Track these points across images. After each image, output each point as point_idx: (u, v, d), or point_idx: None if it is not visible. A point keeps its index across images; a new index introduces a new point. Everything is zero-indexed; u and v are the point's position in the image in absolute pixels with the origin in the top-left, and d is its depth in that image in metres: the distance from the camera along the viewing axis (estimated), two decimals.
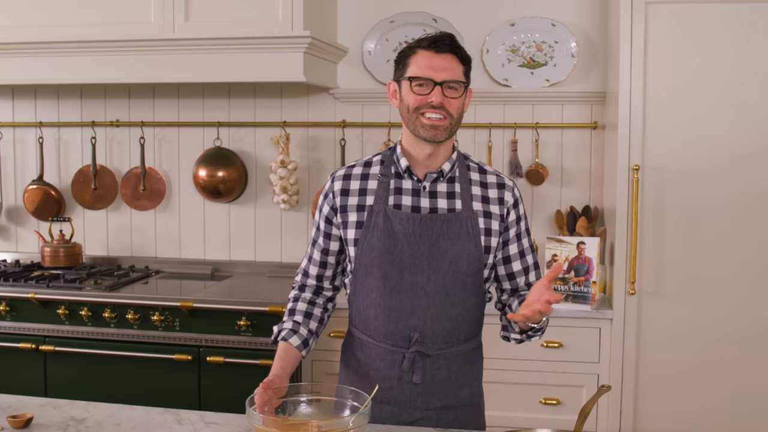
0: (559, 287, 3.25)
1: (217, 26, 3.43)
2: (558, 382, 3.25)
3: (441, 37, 2.01)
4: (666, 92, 3.16)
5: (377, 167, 2.13)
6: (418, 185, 2.07)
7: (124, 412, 2.08)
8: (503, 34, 3.73)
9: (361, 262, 2.07)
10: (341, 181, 2.12)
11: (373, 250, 2.04)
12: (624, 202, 3.21)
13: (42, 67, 3.60)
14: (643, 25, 3.14)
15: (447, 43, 2.00)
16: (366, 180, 2.11)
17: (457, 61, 2.01)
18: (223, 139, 4.02)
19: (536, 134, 3.75)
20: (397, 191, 2.07)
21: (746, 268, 3.16)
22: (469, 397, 2.16)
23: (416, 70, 2.00)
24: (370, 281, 2.06)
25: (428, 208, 2.05)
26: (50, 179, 4.20)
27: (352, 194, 2.10)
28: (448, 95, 1.99)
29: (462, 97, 2.02)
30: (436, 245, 2.02)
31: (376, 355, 2.05)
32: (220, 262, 4.05)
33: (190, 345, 3.34)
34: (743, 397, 3.19)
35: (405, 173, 2.08)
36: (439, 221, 2.02)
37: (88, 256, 4.17)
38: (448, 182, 2.09)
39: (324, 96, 3.92)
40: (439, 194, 2.07)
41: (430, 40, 2.01)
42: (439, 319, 2.03)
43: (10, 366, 3.48)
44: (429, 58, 1.99)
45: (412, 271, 2.02)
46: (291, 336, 2.08)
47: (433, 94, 1.98)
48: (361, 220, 2.07)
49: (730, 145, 3.14)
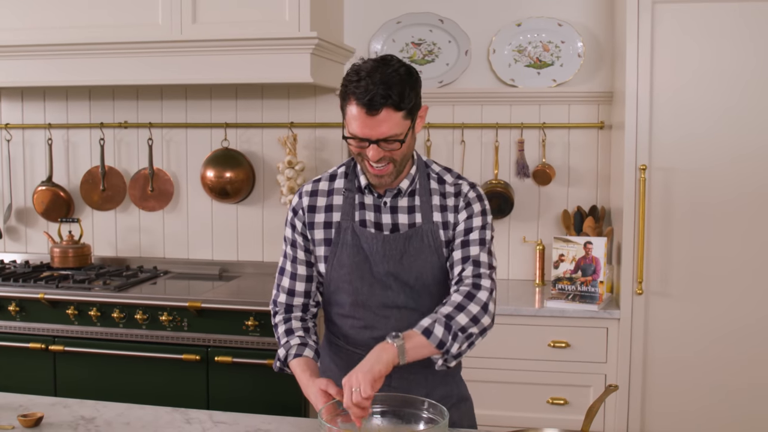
0: (567, 287, 3.25)
1: (225, 28, 3.45)
2: (565, 382, 3.25)
3: (374, 93, 1.85)
4: (673, 91, 3.16)
5: (341, 180, 2.12)
6: (379, 201, 2.08)
7: (133, 411, 2.09)
8: (510, 34, 3.73)
9: (331, 278, 2.09)
10: (308, 197, 2.12)
11: (343, 267, 2.06)
12: (631, 202, 3.20)
13: (51, 70, 3.62)
14: (650, 25, 3.14)
15: (379, 101, 1.85)
16: (331, 196, 2.11)
17: (394, 111, 1.87)
18: (231, 140, 4.03)
19: (543, 134, 3.75)
20: (361, 206, 2.08)
21: (754, 268, 3.15)
22: (466, 390, 2.18)
23: (352, 127, 1.92)
24: (342, 296, 2.09)
25: (390, 224, 2.06)
26: (59, 180, 4.22)
27: (318, 210, 2.10)
28: (386, 148, 1.91)
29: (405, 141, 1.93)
30: (401, 263, 2.03)
31: (357, 359, 1.96)
32: (227, 263, 4.06)
33: (198, 345, 3.35)
34: (751, 397, 3.18)
35: (366, 189, 2.08)
36: (401, 240, 2.03)
37: (96, 256, 4.19)
38: (408, 196, 2.08)
39: (331, 96, 3.92)
40: (400, 209, 2.07)
41: (361, 93, 1.86)
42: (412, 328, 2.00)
43: (20, 366, 3.50)
44: (362, 118, 1.88)
45: (381, 287, 2.05)
46: (304, 350, 2.06)
47: (370, 150, 1.91)
48: (329, 237, 2.08)
49: (737, 143, 3.13)
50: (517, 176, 3.77)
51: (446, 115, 3.81)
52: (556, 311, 3.22)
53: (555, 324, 3.23)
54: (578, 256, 3.25)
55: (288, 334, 2.11)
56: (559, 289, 3.27)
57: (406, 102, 1.89)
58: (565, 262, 3.27)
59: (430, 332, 1.87)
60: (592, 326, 3.22)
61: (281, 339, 2.12)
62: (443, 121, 3.81)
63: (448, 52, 3.79)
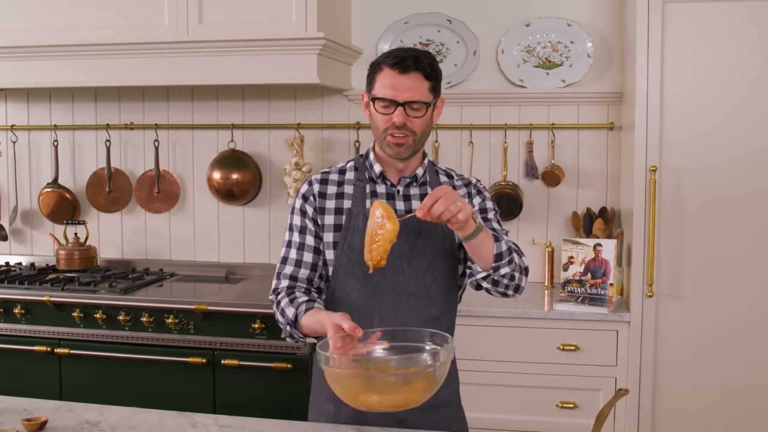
0: (576, 290, 3.23)
1: (231, 28, 3.43)
2: (575, 386, 3.22)
3: (405, 56, 2.00)
4: (683, 91, 3.13)
5: (351, 173, 2.18)
6: (392, 189, 2.14)
7: (138, 415, 2.07)
8: (518, 34, 3.71)
9: (341, 264, 2.11)
10: (319, 184, 2.17)
11: (354, 251, 2.08)
12: (641, 203, 3.17)
13: (57, 71, 3.61)
14: (660, 25, 3.11)
15: (411, 63, 1.99)
16: (342, 186, 2.17)
17: (422, 78, 2.01)
18: (237, 142, 4.01)
19: (552, 135, 3.72)
20: (372, 195, 2.14)
21: (766, 269, 3.11)
22: (449, 395, 2.17)
23: (380, 90, 2.02)
24: (351, 282, 2.10)
25: (404, 210, 2.12)
26: (65, 182, 4.21)
27: (329, 198, 2.15)
28: (411, 115, 2.01)
29: (426, 115, 2.04)
30: (415, 245, 2.08)
31: None
32: (234, 265, 4.04)
33: (204, 348, 3.33)
34: (763, 400, 3.14)
35: (378, 178, 2.14)
36: (415, 222, 2.05)
37: (102, 258, 4.18)
38: (420, 186, 2.16)
39: (338, 98, 3.91)
40: (413, 197, 2.14)
41: (394, 58, 2.01)
42: (421, 317, 2.08)
43: (25, 369, 3.49)
44: (392, 77, 2.00)
45: (393, 271, 2.07)
46: (313, 304, 2.04)
47: (395, 114, 2.00)
48: (339, 223, 2.12)
49: (748, 143, 3.10)
50: (526, 178, 3.75)
51: (454, 116, 3.78)
52: (566, 314, 3.20)
53: (564, 327, 3.20)
54: (588, 258, 3.22)
55: (292, 300, 2.07)
56: (569, 291, 3.25)
57: (433, 73, 2.03)
58: (574, 264, 3.24)
59: (498, 240, 1.98)
60: (601, 329, 3.19)
61: (286, 308, 2.06)
62: (451, 122, 3.78)
63: (456, 52, 3.77)
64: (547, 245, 3.68)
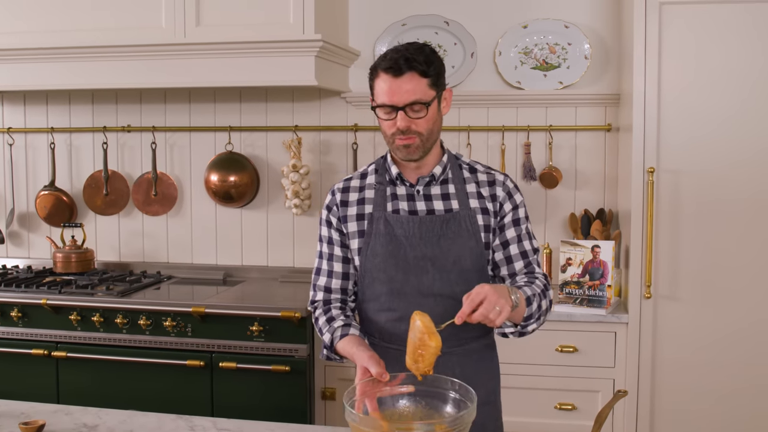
0: (574, 291, 3.23)
1: (229, 30, 3.43)
2: (573, 387, 3.22)
3: (398, 57, 1.96)
4: (681, 93, 3.13)
5: (372, 176, 2.18)
6: (412, 190, 2.13)
7: (136, 418, 2.07)
8: (516, 36, 3.71)
9: (366, 269, 2.12)
10: (340, 193, 2.19)
11: (377, 256, 2.09)
12: (639, 205, 3.17)
13: (54, 73, 3.60)
14: (658, 26, 3.11)
15: (404, 64, 1.96)
16: (363, 191, 2.17)
17: (419, 76, 1.97)
18: (235, 144, 4.01)
19: (550, 137, 3.72)
20: (393, 197, 2.13)
21: (764, 271, 3.12)
22: (486, 395, 2.15)
23: (379, 96, 2.01)
24: (377, 287, 2.11)
25: (425, 210, 2.10)
26: (62, 185, 4.20)
27: (351, 205, 2.16)
28: (413, 116, 1.99)
29: (430, 114, 2.01)
30: (438, 245, 2.06)
31: (392, 357, 2.03)
32: (232, 267, 4.04)
33: (202, 351, 3.33)
34: (761, 402, 3.14)
35: (397, 180, 2.14)
36: (438, 222, 2.06)
37: (99, 261, 4.17)
38: (441, 184, 2.14)
39: (336, 100, 3.90)
40: (434, 197, 2.12)
41: (388, 61, 1.98)
42: (448, 317, 2.03)
43: (22, 372, 3.48)
44: (388, 82, 1.98)
45: (416, 273, 2.06)
46: (349, 329, 2.06)
47: (397, 119, 1.99)
48: (362, 228, 2.12)
49: (746, 145, 3.10)
50: (523, 179, 3.75)
51: (452, 117, 3.78)
52: (564, 315, 3.20)
53: (563, 328, 3.20)
54: (586, 259, 3.22)
55: (330, 321, 2.12)
56: (567, 293, 3.25)
57: (430, 69, 1.98)
58: (572, 265, 3.24)
59: (530, 303, 1.96)
60: (600, 330, 3.19)
61: (323, 328, 2.12)
62: (449, 124, 3.78)
63: (453, 54, 3.77)
64: (545, 247, 3.68)
